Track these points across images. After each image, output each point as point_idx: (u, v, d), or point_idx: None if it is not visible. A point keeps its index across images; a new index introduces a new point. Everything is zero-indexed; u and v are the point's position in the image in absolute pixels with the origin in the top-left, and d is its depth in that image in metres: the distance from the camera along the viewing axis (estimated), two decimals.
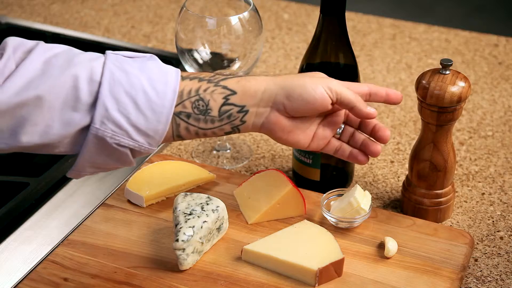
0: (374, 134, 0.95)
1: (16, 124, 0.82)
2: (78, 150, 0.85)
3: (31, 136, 0.82)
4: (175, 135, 0.88)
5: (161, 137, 0.86)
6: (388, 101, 0.95)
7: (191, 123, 0.87)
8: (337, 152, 0.96)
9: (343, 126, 0.96)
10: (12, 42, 0.87)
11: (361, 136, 0.96)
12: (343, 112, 0.95)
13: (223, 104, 0.88)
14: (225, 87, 0.88)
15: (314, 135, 0.94)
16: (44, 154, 0.87)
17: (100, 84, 0.83)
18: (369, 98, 0.94)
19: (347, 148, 0.96)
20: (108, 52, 0.87)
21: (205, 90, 0.87)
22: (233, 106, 0.88)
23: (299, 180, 1.12)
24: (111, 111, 0.82)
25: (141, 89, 0.83)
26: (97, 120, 0.82)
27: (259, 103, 0.89)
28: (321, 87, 0.90)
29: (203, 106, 0.87)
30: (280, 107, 0.89)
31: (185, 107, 0.87)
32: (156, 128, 0.85)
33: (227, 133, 0.90)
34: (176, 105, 0.86)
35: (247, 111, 0.89)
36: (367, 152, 0.96)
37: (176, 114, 0.86)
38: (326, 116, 0.94)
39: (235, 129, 0.90)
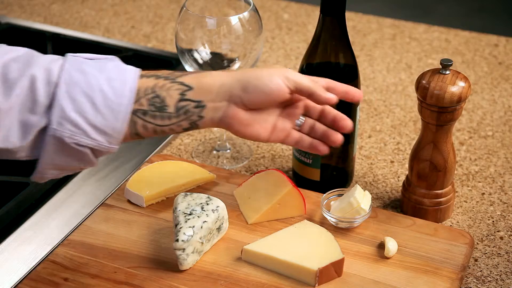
0: (335, 124, 0.95)
1: None
2: (38, 154, 0.85)
3: None
4: (133, 133, 0.87)
5: (120, 135, 0.85)
6: (347, 98, 0.94)
7: (148, 120, 0.87)
8: (298, 144, 0.95)
9: (303, 118, 0.96)
10: None
11: (321, 127, 0.95)
12: (302, 104, 0.94)
13: (180, 100, 0.87)
14: (181, 83, 0.88)
15: (274, 128, 0.93)
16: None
17: (56, 85, 0.83)
18: (328, 90, 0.93)
19: (307, 139, 0.95)
20: (69, 54, 0.87)
21: (161, 87, 0.87)
22: (189, 102, 0.88)
23: (299, 180, 1.12)
24: (67, 111, 0.82)
25: (98, 88, 0.83)
26: (54, 121, 0.82)
27: (215, 97, 0.89)
28: (277, 77, 0.89)
29: (159, 103, 0.87)
30: (237, 100, 0.89)
31: (142, 104, 0.86)
32: (114, 126, 0.84)
33: (185, 129, 0.89)
34: (133, 103, 0.86)
35: (204, 106, 0.88)
36: (328, 142, 0.95)
37: (133, 112, 0.86)
38: (285, 108, 0.94)
39: (193, 125, 0.89)
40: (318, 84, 0.91)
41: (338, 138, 0.94)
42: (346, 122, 0.94)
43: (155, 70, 0.89)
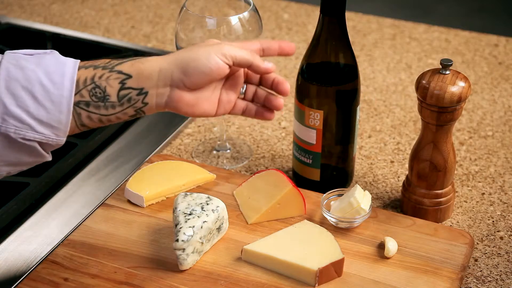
0: (274, 88, 0.95)
1: None
2: None
3: None
4: (79, 125, 0.88)
5: (66, 127, 0.85)
6: (282, 53, 0.94)
7: (92, 111, 0.87)
8: (244, 113, 0.96)
9: (245, 86, 0.96)
10: None
11: (263, 92, 0.96)
12: (242, 72, 0.95)
13: (121, 89, 0.87)
14: (120, 72, 0.87)
15: (219, 102, 0.93)
16: None
17: None
18: (263, 53, 0.94)
19: (252, 107, 0.96)
20: (7, 51, 0.87)
21: (100, 77, 0.87)
22: (131, 90, 0.88)
23: (299, 180, 1.12)
24: (9, 106, 0.83)
25: (37, 82, 0.84)
26: None
27: (157, 83, 0.88)
28: (214, 55, 0.89)
29: (100, 93, 0.87)
30: (179, 83, 0.89)
31: (83, 96, 0.86)
32: (58, 119, 0.84)
33: (132, 116, 0.90)
34: (74, 95, 0.86)
35: (146, 93, 0.88)
36: (270, 107, 0.95)
37: (75, 104, 0.86)
38: (227, 79, 0.94)
39: (139, 111, 0.89)
40: (255, 54, 0.91)
41: (279, 103, 0.95)
42: (285, 85, 0.94)
43: (94, 60, 0.89)
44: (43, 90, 0.83)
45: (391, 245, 0.97)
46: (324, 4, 1.01)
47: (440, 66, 1.01)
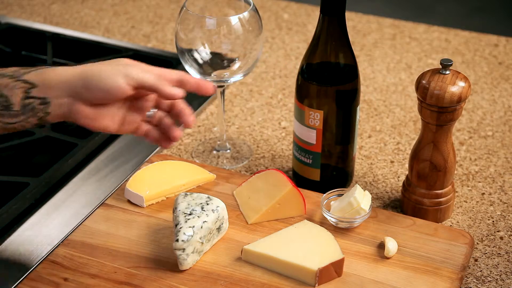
0: (179, 118, 0.95)
1: None
2: None
3: None
4: None
5: None
6: (199, 92, 0.94)
7: None
8: (147, 136, 0.96)
9: (154, 110, 0.96)
10: None
11: (168, 121, 0.96)
12: (152, 97, 0.95)
13: (24, 98, 0.87)
14: (25, 81, 0.88)
15: (123, 120, 0.93)
16: (44, 154, 0.87)
17: None
18: (180, 85, 0.93)
19: (154, 133, 0.96)
20: None
21: (6, 86, 0.87)
22: (34, 99, 0.88)
23: (299, 180, 1.12)
24: None
25: None
26: None
27: (59, 94, 0.88)
28: (118, 76, 0.89)
29: (4, 102, 0.87)
30: (80, 96, 0.89)
31: None
32: None
33: (36, 125, 0.90)
34: None
35: (48, 103, 0.88)
36: (169, 137, 0.95)
37: None
38: (134, 100, 0.94)
39: (41, 121, 0.89)
40: (163, 79, 0.91)
41: (177, 134, 0.95)
42: (189, 118, 0.93)
43: (2, 68, 0.89)
44: None
45: (391, 245, 0.97)
46: (324, 4, 1.01)
47: (440, 66, 1.01)
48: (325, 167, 1.10)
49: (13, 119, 0.88)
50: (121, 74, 0.89)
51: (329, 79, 1.04)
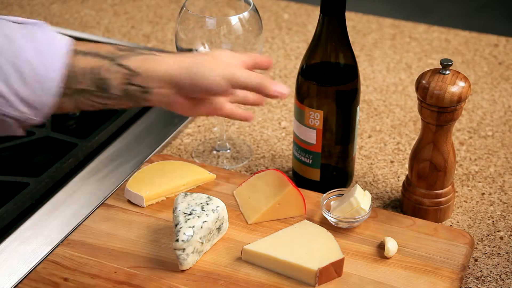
0: (266, 92, 0.93)
1: None
2: None
3: None
4: (75, 107, 0.86)
5: (47, 109, 0.83)
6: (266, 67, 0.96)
7: (92, 99, 0.86)
8: (229, 116, 0.96)
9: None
10: None
11: (253, 97, 0.96)
12: None
13: (126, 84, 0.86)
14: (126, 67, 0.86)
15: (213, 106, 0.93)
16: (44, 154, 0.86)
17: None
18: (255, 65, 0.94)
19: (239, 111, 0.96)
20: None
21: (106, 70, 0.85)
22: (135, 87, 0.87)
23: (299, 180, 1.12)
24: None
25: (26, 59, 0.80)
26: None
27: (163, 85, 0.88)
28: (222, 78, 0.89)
29: (104, 84, 0.85)
30: (183, 91, 0.89)
31: (86, 85, 0.85)
32: (42, 101, 0.82)
33: (129, 107, 0.91)
34: (78, 83, 0.84)
35: (150, 92, 0.88)
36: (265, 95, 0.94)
37: (79, 92, 0.84)
38: None
39: (137, 104, 0.89)
40: (266, 80, 0.91)
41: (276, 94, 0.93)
42: (283, 89, 0.92)
43: (95, 44, 0.87)
44: (31, 69, 0.80)
45: (391, 245, 0.97)
46: (324, 4, 1.01)
47: (440, 66, 1.01)
48: (325, 167, 1.10)
49: (109, 101, 0.86)
50: (226, 75, 0.89)
51: (329, 79, 1.04)
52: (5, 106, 0.81)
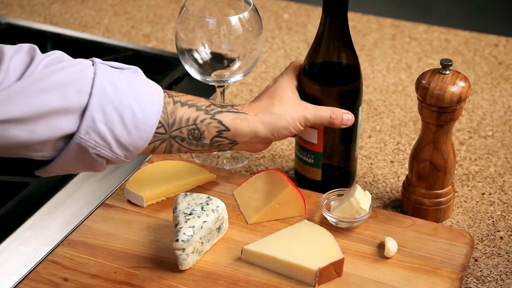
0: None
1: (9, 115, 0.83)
2: (56, 155, 0.87)
3: (19, 131, 0.83)
4: (166, 151, 0.95)
5: (138, 152, 0.90)
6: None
7: (184, 145, 0.95)
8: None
9: None
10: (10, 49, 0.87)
11: None
12: None
13: (216, 136, 0.96)
14: (220, 122, 0.96)
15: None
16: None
17: (90, 95, 0.85)
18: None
19: None
20: (97, 61, 0.89)
21: (202, 121, 0.94)
22: (225, 139, 0.97)
23: (301, 180, 1.12)
24: (98, 123, 0.85)
25: (128, 105, 0.86)
26: (83, 129, 0.85)
27: (248, 139, 0.99)
28: (297, 122, 1.01)
29: (197, 134, 0.94)
30: (265, 140, 1.02)
31: (182, 133, 0.93)
32: (136, 144, 0.88)
33: (211, 152, 1.04)
34: (174, 130, 0.92)
35: (236, 144, 0.99)
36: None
37: (173, 137, 0.93)
38: None
39: (221, 151, 1.02)
40: (334, 112, 1.02)
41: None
42: (347, 116, 1.05)
43: (192, 97, 0.96)
44: (132, 114, 0.87)
45: (391, 245, 0.97)
46: (327, 4, 1.01)
47: (440, 66, 1.01)
48: (327, 167, 1.10)
49: (198, 148, 0.96)
50: (299, 118, 1.02)
51: (331, 79, 1.04)
52: (104, 149, 0.87)
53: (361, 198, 1.01)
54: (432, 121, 1.01)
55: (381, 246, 0.99)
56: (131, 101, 0.87)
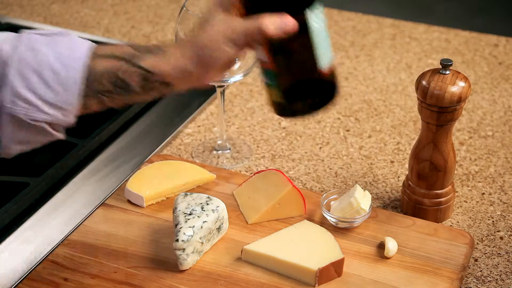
0: None
1: None
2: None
3: None
4: (103, 107, 0.91)
5: (74, 108, 0.88)
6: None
7: (116, 97, 0.90)
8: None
9: None
10: None
11: None
12: None
13: (143, 81, 0.90)
14: (140, 67, 0.90)
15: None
16: (44, 154, 0.88)
17: (6, 64, 0.85)
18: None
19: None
20: (24, 32, 0.89)
21: (123, 71, 0.89)
22: (155, 83, 0.90)
23: (275, 107, 0.94)
24: (18, 88, 0.85)
25: (47, 65, 0.86)
26: (7, 99, 0.85)
27: (178, 76, 0.90)
28: (223, 45, 0.89)
29: (123, 83, 0.90)
30: (200, 73, 0.91)
31: (104, 85, 0.89)
32: (66, 100, 0.87)
33: (156, 97, 0.93)
34: (96, 84, 0.88)
35: (169, 84, 0.91)
36: None
37: (98, 91, 0.89)
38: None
39: (164, 94, 0.93)
40: (264, 17, 0.88)
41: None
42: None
43: (113, 47, 0.91)
44: (53, 73, 0.86)
45: (391, 245, 0.97)
46: None
47: (440, 66, 1.01)
48: (289, 85, 0.91)
49: (133, 97, 0.91)
50: (223, 41, 0.89)
51: None
52: (33, 111, 0.86)
53: (361, 198, 1.01)
54: (432, 121, 1.01)
55: (381, 246, 0.99)
56: (51, 61, 0.86)
